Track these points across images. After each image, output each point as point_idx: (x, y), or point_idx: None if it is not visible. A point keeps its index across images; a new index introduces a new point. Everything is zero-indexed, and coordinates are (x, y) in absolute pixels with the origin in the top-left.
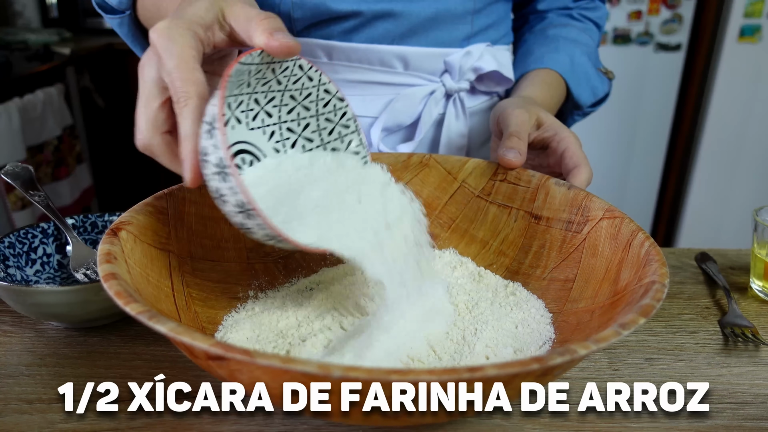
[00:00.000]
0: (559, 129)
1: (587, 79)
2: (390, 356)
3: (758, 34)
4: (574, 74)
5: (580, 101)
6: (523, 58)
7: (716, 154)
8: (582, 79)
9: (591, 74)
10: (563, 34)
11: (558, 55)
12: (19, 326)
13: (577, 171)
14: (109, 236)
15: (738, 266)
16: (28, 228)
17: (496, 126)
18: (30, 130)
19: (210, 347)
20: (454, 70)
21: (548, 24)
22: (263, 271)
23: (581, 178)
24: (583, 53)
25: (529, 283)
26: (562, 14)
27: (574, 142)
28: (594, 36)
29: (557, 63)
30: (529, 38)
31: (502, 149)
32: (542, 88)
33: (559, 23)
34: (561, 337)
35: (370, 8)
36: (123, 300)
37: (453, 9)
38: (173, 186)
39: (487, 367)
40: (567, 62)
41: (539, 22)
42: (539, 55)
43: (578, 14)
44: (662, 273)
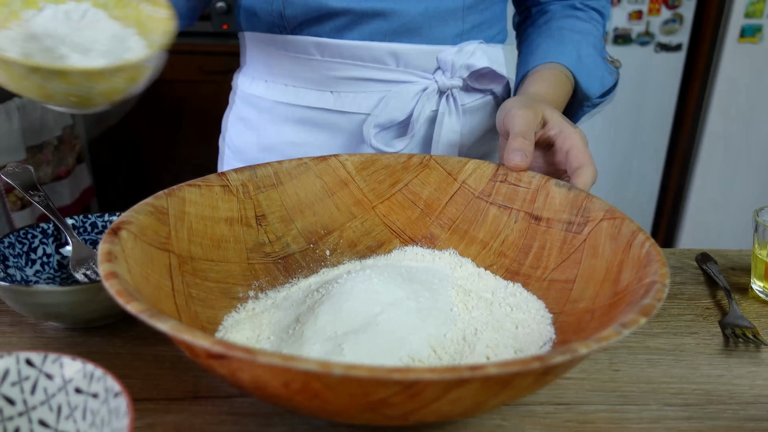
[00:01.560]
0: (564, 127)
1: (595, 70)
2: (390, 356)
3: (759, 34)
4: (582, 66)
5: (589, 93)
6: (528, 54)
7: (717, 155)
8: (590, 71)
9: (599, 64)
10: (568, 26)
11: (564, 47)
12: (18, 326)
13: (581, 171)
14: (109, 236)
15: (739, 267)
16: (27, 228)
17: (503, 126)
18: (30, 130)
19: (211, 345)
20: (447, 67)
21: (551, 17)
22: (263, 271)
23: (585, 179)
24: (589, 44)
25: (529, 283)
26: (565, 5)
27: (580, 140)
28: (598, 26)
29: (563, 56)
30: (533, 33)
31: (508, 151)
32: (549, 84)
33: (563, 15)
34: (561, 337)
35: (360, 6)
36: (124, 299)
37: (444, 5)
38: (174, 186)
39: (488, 366)
40: (573, 54)
41: (542, 15)
42: (545, 50)
43: (581, 4)
44: (663, 273)
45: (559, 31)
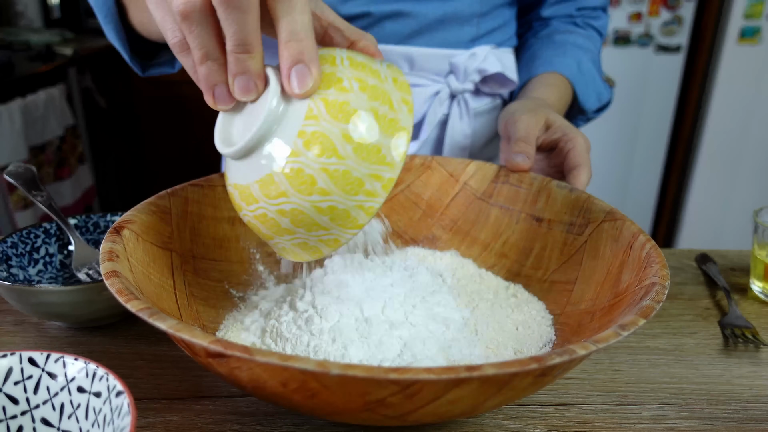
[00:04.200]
0: (568, 130)
1: (593, 85)
2: (390, 356)
3: (758, 35)
4: (582, 78)
5: (586, 106)
6: (529, 61)
7: (716, 156)
8: (589, 84)
9: (597, 80)
10: (570, 40)
11: (565, 59)
12: (22, 326)
13: (576, 171)
14: (111, 235)
15: (738, 267)
16: (30, 228)
17: (504, 130)
18: (32, 130)
19: (209, 344)
20: (459, 71)
21: (553, 30)
22: (265, 271)
23: (580, 180)
24: (589, 59)
25: (530, 284)
26: (566, 21)
27: (581, 144)
28: (596, 44)
29: (565, 66)
30: (535, 43)
31: (511, 153)
32: (551, 91)
33: (565, 30)
34: (562, 338)
35: (379, 9)
36: (124, 297)
37: (460, 11)
38: (176, 186)
39: (485, 366)
40: (574, 66)
41: (544, 28)
42: (547, 58)
43: (582, 22)
44: (663, 275)
45: (561, 44)
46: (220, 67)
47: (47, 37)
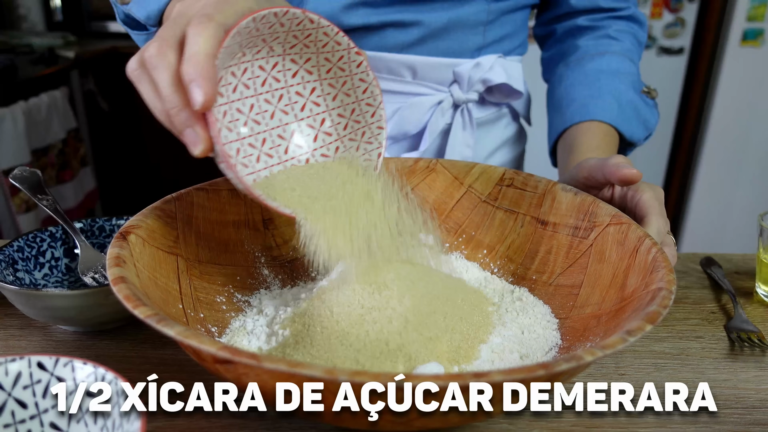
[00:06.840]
0: (640, 184)
1: (637, 116)
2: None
3: (761, 37)
4: (623, 116)
5: (634, 139)
6: (564, 105)
7: (719, 158)
8: (632, 119)
9: (639, 108)
10: (603, 68)
11: (602, 100)
12: (28, 330)
13: (647, 220)
14: (118, 240)
15: (743, 271)
16: (36, 232)
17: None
18: (35, 134)
19: (217, 351)
20: (463, 80)
21: (584, 54)
22: (270, 275)
23: (650, 230)
24: (629, 86)
25: (535, 288)
26: (599, 36)
27: (649, 195)
28: (635, 57)
29: (604, 112)
30: (566, 77)
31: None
32: (605, 148)
33: (596, 51)
34: (567, 342)
35: (380, 19)
36: (132, 303)
37: (465, 19)
38: (182, 190)
39: (492, 373)
40: (614, 106)
41: (574, 51)
42: (582, 103)
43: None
44: (669, 279)
45: (595, 76)
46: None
47: (50, 40)
